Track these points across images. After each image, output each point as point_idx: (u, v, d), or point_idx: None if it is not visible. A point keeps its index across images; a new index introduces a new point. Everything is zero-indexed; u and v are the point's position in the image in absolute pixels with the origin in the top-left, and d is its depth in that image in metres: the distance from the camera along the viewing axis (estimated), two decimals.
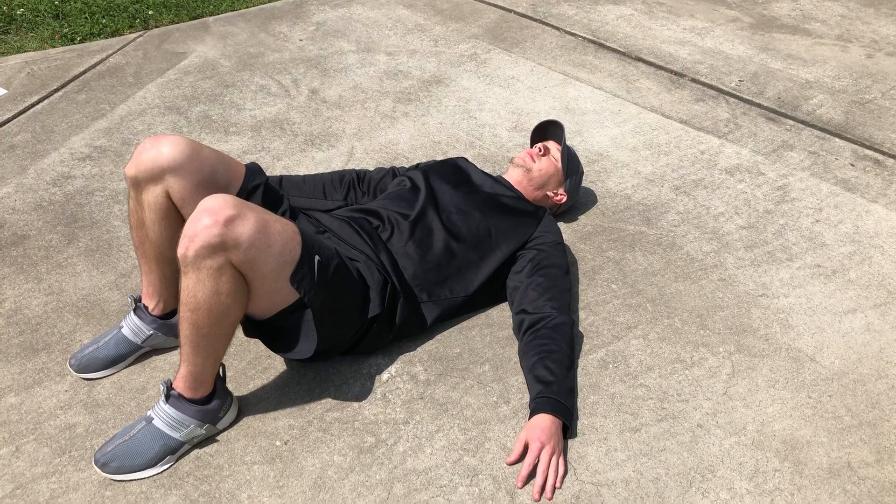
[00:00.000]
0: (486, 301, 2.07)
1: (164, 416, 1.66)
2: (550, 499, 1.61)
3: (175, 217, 1.79)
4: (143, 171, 1.73)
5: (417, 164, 2.29)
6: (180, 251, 1.51)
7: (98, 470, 1.65)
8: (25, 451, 1.73)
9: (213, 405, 1.70)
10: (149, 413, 1.69)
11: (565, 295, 1.96)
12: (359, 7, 4.03)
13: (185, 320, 1.57)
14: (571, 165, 2.31)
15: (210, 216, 1.49)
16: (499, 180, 2.21)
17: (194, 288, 1.53)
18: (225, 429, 1.77)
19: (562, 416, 1.70)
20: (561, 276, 1.99)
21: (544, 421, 1.68)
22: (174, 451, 1.68)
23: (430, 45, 3.60)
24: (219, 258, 1.50)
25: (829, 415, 1.79)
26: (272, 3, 4.12)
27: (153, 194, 1.76)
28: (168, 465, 1.68)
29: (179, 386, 1.66)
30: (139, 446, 1.66)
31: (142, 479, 1.65)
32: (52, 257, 2.30)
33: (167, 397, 1.66)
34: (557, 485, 1.63)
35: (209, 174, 1.79)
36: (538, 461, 1.63)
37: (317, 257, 1.66)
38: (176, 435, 1.67)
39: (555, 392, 1.73)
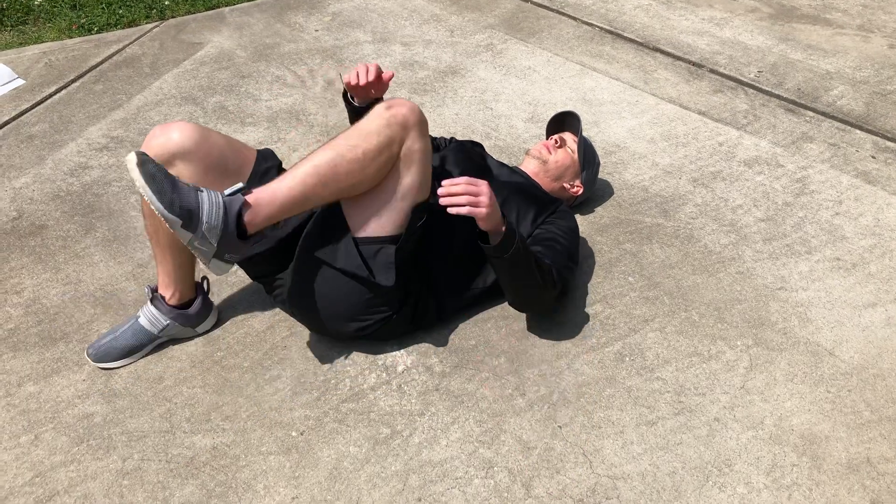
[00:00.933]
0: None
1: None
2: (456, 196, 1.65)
3: None
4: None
5: (437, 146, 2.28)
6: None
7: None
8: (44, 439, 1.74)
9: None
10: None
11: (563, 270, 1.93)
12: None
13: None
14: (588, 157, 2.29)
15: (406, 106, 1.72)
16: (515, 170, 2.20)
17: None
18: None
19: (507, 235, 1.71)
20: (563, 253, 1.97)
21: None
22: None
23: (446, 35, 3.59)
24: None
25: (849, 409, 1.78)
26: None
27: None
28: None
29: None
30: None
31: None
32: (69, 247, 2.31)
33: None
34: (462, 202, 1.65)
35: (218, 159, 1.79)
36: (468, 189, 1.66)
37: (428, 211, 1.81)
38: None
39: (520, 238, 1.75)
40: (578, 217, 2.36)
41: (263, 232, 1.71)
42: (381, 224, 1.77)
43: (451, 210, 1.65)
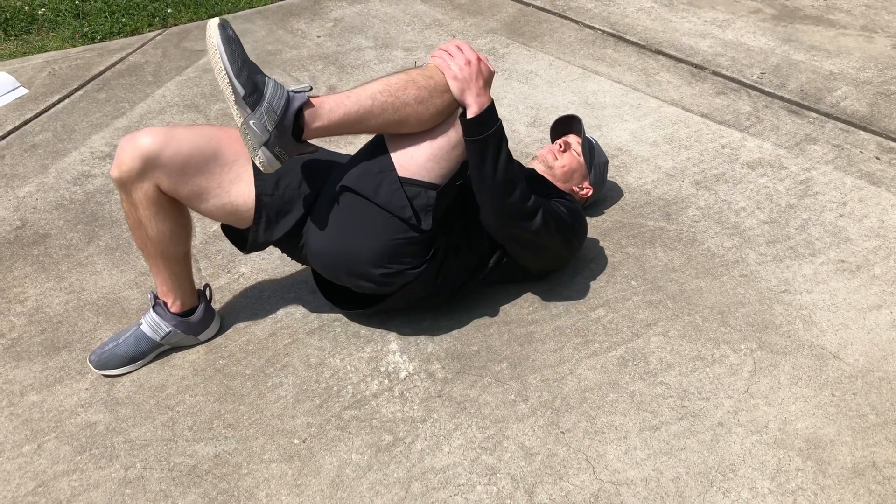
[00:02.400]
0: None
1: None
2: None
3: (170, 209, 1.78)
4: (125, 171, 1.69)
5: None
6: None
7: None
8: (47, 448, 1.74)
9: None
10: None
11: (546, 213, 1.90)
12: (376, 3, 4.02)
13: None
14: (594, 157, 2.29)
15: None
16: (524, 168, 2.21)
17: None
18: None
19: (486, 115, 1.74)
20: (554, 210, 1.95)
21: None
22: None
23: (448, 39, 3.59)
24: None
25: (854, 413, 1.77)
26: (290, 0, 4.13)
27: (142, 191, 1.72)
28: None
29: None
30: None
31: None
32: (72, 256, 2.32)
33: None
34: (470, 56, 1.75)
35: (191, 152, 1.72)
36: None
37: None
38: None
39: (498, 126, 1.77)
40: None
41: (315, 147, 1.73)
42: (427, 168, 1.76)
43: (431, 60, 1.77)
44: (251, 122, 1.56)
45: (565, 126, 2.39)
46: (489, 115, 1.74)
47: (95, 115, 3.06)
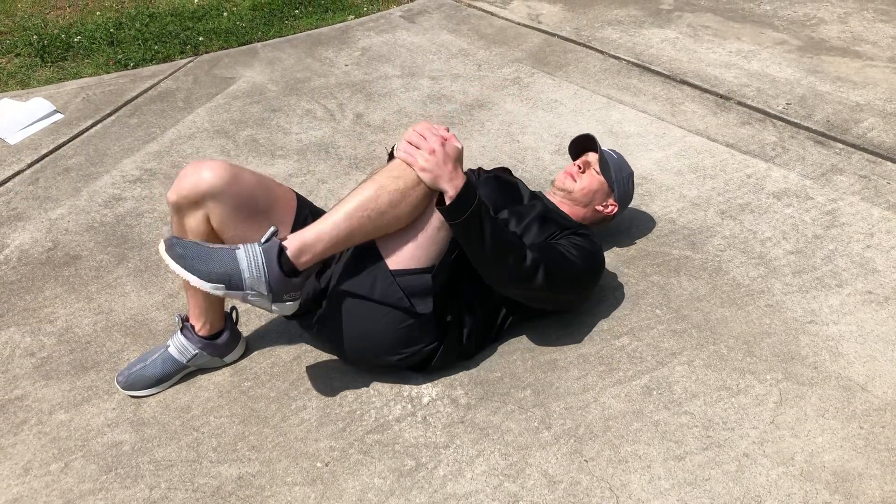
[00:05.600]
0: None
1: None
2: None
3: (217, 240, 1.82)
4: (183, 197, 1.75)
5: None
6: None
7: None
8: (74, 467, 1.76)
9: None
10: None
11: (549, 263, 1.89)
12: (403, 32, 4.08)
13: None
14: (616, 172, 2.24)
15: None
16: (544, 198, 2.21)
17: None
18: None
19: (461, 198, 1.74)
20: (558, 256, 1.94)
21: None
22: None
23: (474, 69, 3.63)
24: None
25: (882, 446, 1.74)
26: (319, 29, 4.19)
27: (195, 220, 1.78)
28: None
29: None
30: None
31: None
32: (102, 277, 2.36)
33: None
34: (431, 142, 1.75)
35: (248, 198, 1.80)
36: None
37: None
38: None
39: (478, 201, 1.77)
40: (604, 248, 2.33)
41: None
42: (417, 256, 1.80)
43: (396, 155, 1.77)
44: (249, 297, 1.62)
45: (582, 146, 2.36)
46: (465, 196, 1.74)
47: (127, 139, 3.12)
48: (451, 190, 1.73)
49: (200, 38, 4.04)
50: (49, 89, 3.55)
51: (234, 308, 2.03)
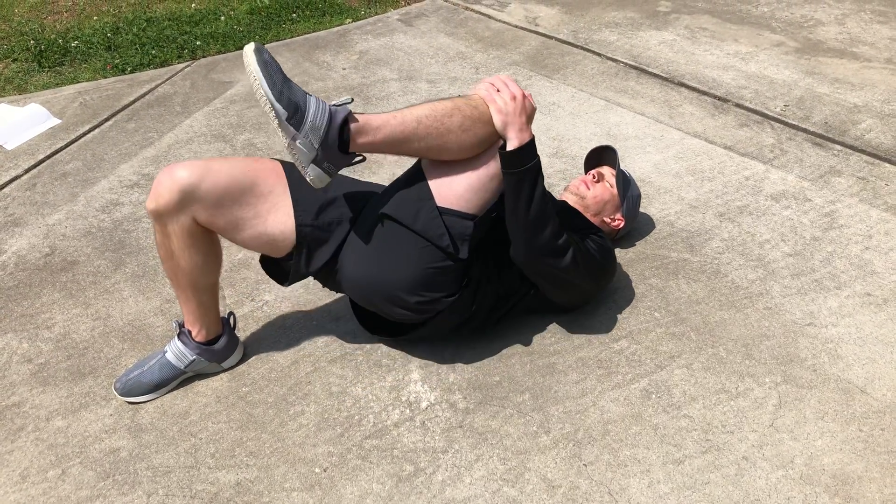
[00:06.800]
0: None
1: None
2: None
3: (203, 241, 1.81)
4: (162, 204, 1.72)
5: None
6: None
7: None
8: (71, 474, 1.76)
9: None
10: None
11: (577, 252, 1.91)
12: (401, 36, 4.08)
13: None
14: (628, 189, 2.29)
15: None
16: (559, 201, 2.22)
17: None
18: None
19: (525, 150, 1.78)
20: (585, 249, 1.96)
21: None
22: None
23: (472, 72, 3.63)
24: None
25: (882, 449, 1.74)
26: (316, 32, 4.20)
27: (178, 223, 1.75)
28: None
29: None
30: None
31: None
32: (99, 283, 2.35)
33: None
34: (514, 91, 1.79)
35: (228, 184, 1.75)
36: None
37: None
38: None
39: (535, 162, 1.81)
40: None
41: (363, 156, 1.74)
42: (466, 199, 1.79)
43: (477, 90, 1.81)
44: (297, 141, 1.60)
45: (599, 157, 2.39)
46: (529, 150, 1.77)
47: (124, 144, 3.12)
48: (516, 140, 1.76)
49: (198, 43, 4.04)
50: (46, 94, 3.55)
51: (231, 313, 2.02)
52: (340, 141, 1.64)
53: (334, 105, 1.64)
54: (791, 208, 2.56)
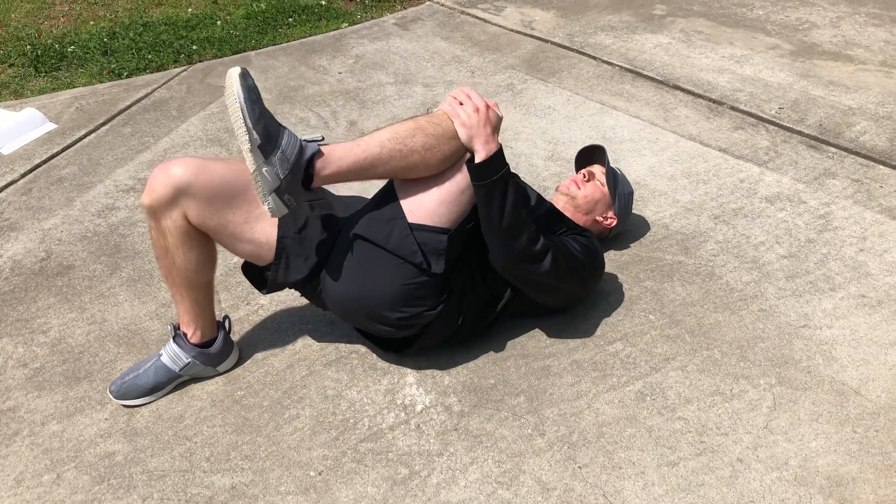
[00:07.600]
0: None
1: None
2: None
3: (197, 238, 1.81)
4: (156, 198, 1.73)
5: None
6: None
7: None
8: (66, 478, 1.76)
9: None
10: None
11: (556, 252, 1.91)
12: (397, 40, 4.09)
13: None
14: (619, 187, 2.29)
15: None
16: (548, 203, 2.22)
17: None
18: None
19: (491, 161, 1.78)
20: (565, 249, 1.96)
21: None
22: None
23: (467, 75, 3.63)
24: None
25: (876, 451, 1.74)
26: (312, 37, 4.20)
27: (171, 219, 1.76)
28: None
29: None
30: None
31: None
32: (95, 287, 2.35)
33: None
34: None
35: (221, 185, 1.77)
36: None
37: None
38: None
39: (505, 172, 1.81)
40: None
41: (323, 194, 1.75)
42: (437, 213, 1.79)
43: (440, 107, 1.81)
44: (264, 169, 1.61)
45: (590, 156, 2.40)
46: (496, 160, 1.78)
47: (121, 149, 3.12)
48: (483, 152, 1.77)
49: (194, 47, 4.05)
50: (43, 99, 3.55)
51: (226, 317, 2.03)
52: (305, 175, 1.65)
53: (305, 140, 1.66)
54: (786, 210, 2.56)
